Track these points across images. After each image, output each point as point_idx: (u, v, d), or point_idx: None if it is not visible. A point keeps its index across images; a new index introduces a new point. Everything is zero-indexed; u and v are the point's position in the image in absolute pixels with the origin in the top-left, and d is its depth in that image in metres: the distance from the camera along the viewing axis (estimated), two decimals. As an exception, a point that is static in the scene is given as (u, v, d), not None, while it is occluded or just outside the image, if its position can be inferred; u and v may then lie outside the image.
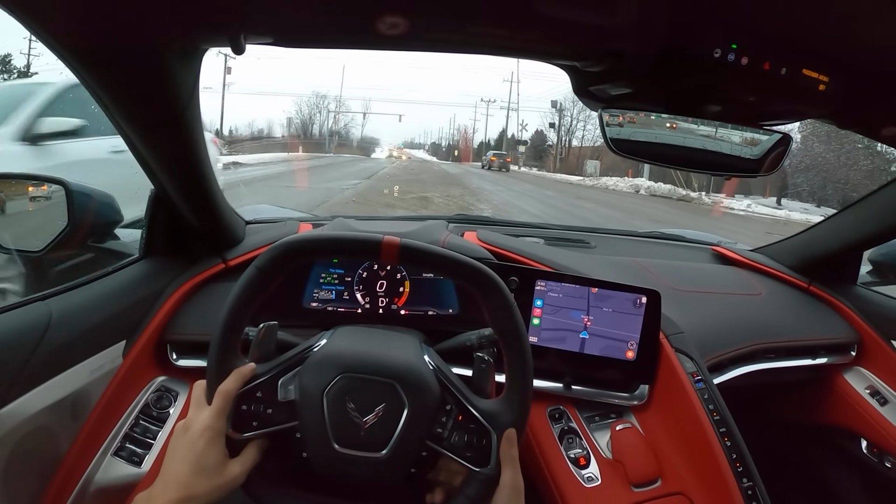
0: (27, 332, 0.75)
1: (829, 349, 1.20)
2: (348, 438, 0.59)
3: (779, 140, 0.81)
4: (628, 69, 0.70)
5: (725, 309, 1.16)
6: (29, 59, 23.51)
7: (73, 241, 1.00)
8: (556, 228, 1.46)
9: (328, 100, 48.55)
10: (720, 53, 0.65)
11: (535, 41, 0.64)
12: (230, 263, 1.02)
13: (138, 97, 0.69)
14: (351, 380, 0.60)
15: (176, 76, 0.67)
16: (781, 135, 0.81)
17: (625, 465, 0.87)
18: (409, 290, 1.00)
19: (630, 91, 0.75)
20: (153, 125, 0.75)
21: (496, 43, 0.64)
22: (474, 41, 0.63)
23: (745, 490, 0.82)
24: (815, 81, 0.71)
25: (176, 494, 0.56)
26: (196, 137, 0.81)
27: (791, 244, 1.35)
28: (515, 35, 0.62)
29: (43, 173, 1.09)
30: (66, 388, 0.79)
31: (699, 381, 0.92)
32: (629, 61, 0.67)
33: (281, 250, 0.60)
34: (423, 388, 0.61)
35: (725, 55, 0.65)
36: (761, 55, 0.66)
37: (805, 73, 0.70)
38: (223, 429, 0.59)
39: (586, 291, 0.94)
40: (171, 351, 0.95)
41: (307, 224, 1.20)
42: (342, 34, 0.63)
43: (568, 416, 0.95)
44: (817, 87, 0.72)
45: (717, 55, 0.65)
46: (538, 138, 40.21)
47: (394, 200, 10.38)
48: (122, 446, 0.87)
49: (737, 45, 0.65)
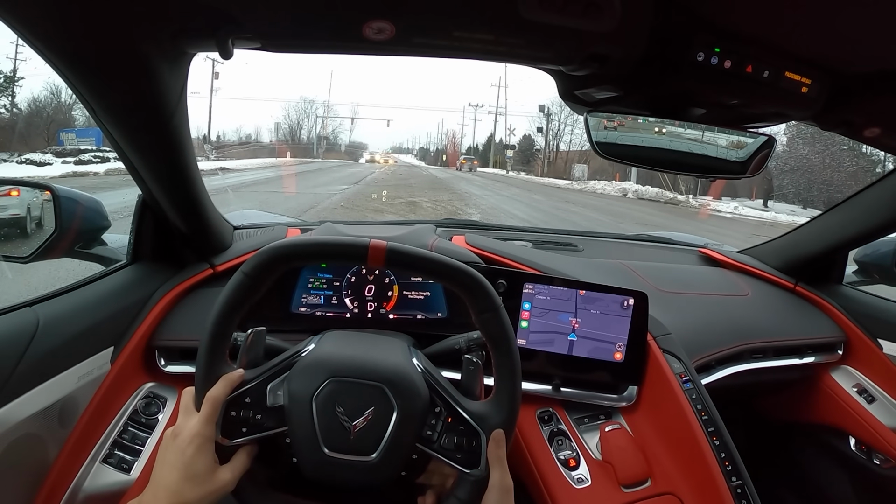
0: (14, 338, 0.74)
1: (815, 348, 1.21)
2: (338, 443, 0.59)
3: (763, 142, 0.82)
4: (612, 73, 0.70)
5: (712, 310, 1.16)
6: (15, 63, 23.39)
7: (61, 246, 0.99)
8: (544, 232, 1.47)
9: (316, 105, 47.86)
10: (703, 57, 0.65)
11: (520, 46, 0.64)
12: (218, 269, 1.02)
13: (126, 102, 0.69)
14: (340, 384, 0.60)
15: (164, 81, 0.67)
16: (766, 137, 0.82)
17: (614, 465, 0.88)
18: (397, 294, 1.00)
19: (615, 95, 0.76)
20: (140, 130, 0.75)
21: (482, 48, 0.64)
22: (460, 46, 0.64)
23: (735, 489, 0.83)
24: (797, 84, 0.72)
25: (166, 502, 0.55)
26: (184, 142, 0.80)
27: (777, 245, 1.37)
28: (500, 40, 0.63)
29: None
30: (54, 395, 0.78)
31: (687, 381, 0.92)
32: (613, 65, 0.68)
33: (268, 255, 0.60)
34: (412, 390, 0.61)
35: (708, 59, 0.66)
36: (744, 58, 0.67)
37: (788, 76, 0.71)
38: (212, 435, 0.59)
39: (574, 294, 0.95)
40: (160, 357, 0.94)
41: (295, 229, 1.20)
42: (329, 39, 0.63)
43: (557, 418, 0.95)
44: (800, 89, 0.72)
45: (701, 59, 0.65)
46: (526, 143, 40.02)
47: (382, 205, 10.38)
48: (111, 453, 0.87)
49: (719, 49, 0.65)
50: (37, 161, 18.65)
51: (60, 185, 1.00)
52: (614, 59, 0.66)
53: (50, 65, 0.61)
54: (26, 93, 28.88)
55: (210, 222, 0.99)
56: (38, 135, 22.57)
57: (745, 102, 0.75)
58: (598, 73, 0.70)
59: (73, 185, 1.07)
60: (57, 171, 16.65)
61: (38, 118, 23.54)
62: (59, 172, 15.70)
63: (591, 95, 0.77)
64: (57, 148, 20.76)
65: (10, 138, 21.75)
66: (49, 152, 20.11)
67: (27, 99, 24.93)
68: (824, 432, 1.26)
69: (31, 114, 23.77)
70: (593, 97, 0.77)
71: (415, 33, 0.60)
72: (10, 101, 23.68)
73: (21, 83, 23.95)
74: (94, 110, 0.70)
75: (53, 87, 23.92)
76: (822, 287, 1.28)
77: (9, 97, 23.61)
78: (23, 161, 18.78)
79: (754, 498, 0.83)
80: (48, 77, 22.02)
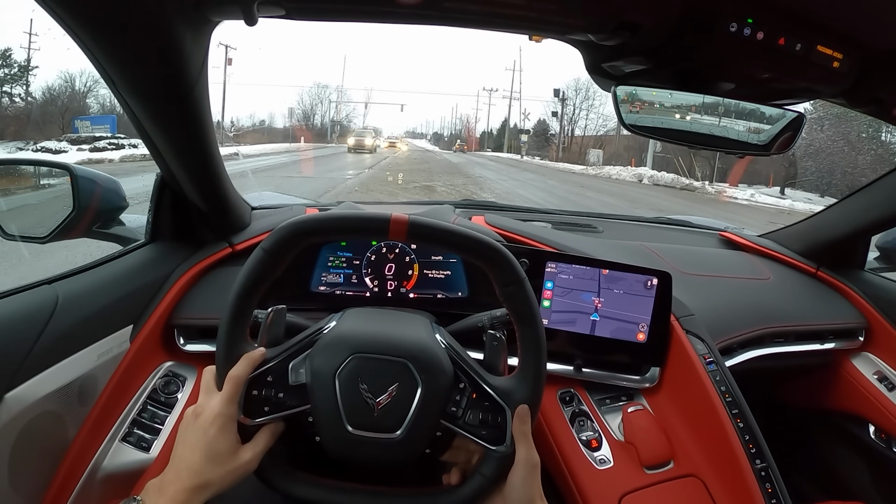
0: (33, 315, 0.74)
1: (836, 334, 1.19)
2: (362, 420, 0.58)
3: (792, 119, 0.81)
4: (642, 44, 0.69)
5: (734, 293, 1.15)
6: (29, 53, 23.58)
7: (79, 226, 0.98)
8: (563, 213, 1.46)
9: (330, 90, 47.77)
10: (735, 28, 0.64)
11: (552, 13, 0.63)
12: (237, 248, 1.02)
13: (148, 72, 0.68)
14: (363, 360, 0.59)
15: (186, 51, 0.66)
16: (795, 113, 0.80)
17: (637, 447, 0.87)
18: (417, 273, 0.99)
19: (644, 67, 0.75)
20: (162, 101, 0.74)
21: (513, 14, 0.63)
22: (491, 12, 0.63)
23: (759, 471, 0.82)
24: (828, 58, 0.71)
25: (188, 482, 0.55)
26: (204, 117, 0.80)
27: (799, 229, 1.35)
28: (533, 5, 0.62)
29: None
30: (73, 373, 0.78)
31: (710, 363, 0.91)
32: (644, 35, 0.67)
33: (288, 230, 0.58)
34: (436, 366, 0.60)
35: (741, 30, 0.64)
36: (777, 30, 0.66)
37: (819, 50, 0.70)
38: (234, 415, 0.58)
39: (597, 273, 0.94)
40: (179, 335, 0.94)
41: (313, 209, 1.19)
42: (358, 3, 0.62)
43: (579, 399, 0.95)
44: (831, 64, 0.71)
45: (733, 29, 0.64)
46: (540, 127, 39.67)
47: (397, 189, 10.44)
48: (130, 431, 0.86)
49: (752, 20, 0.64)
50: (52, 149, 18.75)
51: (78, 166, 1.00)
52: (646, 27, 0.65)
53: (71, 35, 0.60)
54: (41, 81, 29.03)
55: (229, 201, 0.99)
56: (53, 123, 22.72)
57: (776, 76, 0.74)
58: (628, 44, 0.69)
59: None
60: (72, 158, 16.69)
61: (53, 106, 23.71)
62: (75, 160, 15.88)
63: (618, 68, 0.76)
64: (72, 135, 20.96)
65: (25, 127, 21.85)
66: (64, 140, 20.33)
67: (41, 87, 25.15)
68: (843, 419, 1.25)
69: (46, 102, 23.95)
70: (621, 70, 0.76)
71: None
72: (25, 90, 23.95)
73: (35, 72, 24.27)
74: (115, 83, 0.69)
75: (68, 76, 24.23)
76: (844, 272, 1.26)
77: (23, 86, 23.88)
78: (38, 149, 18.91)
79: (778, 481, 0.82)
80: (63, 66, 22.19)
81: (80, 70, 23.61)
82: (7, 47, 24.16)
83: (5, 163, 1.04)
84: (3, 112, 23.10)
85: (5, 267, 3.51)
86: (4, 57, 23.61)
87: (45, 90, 24.32)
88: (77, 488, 0.79)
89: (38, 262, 3.48)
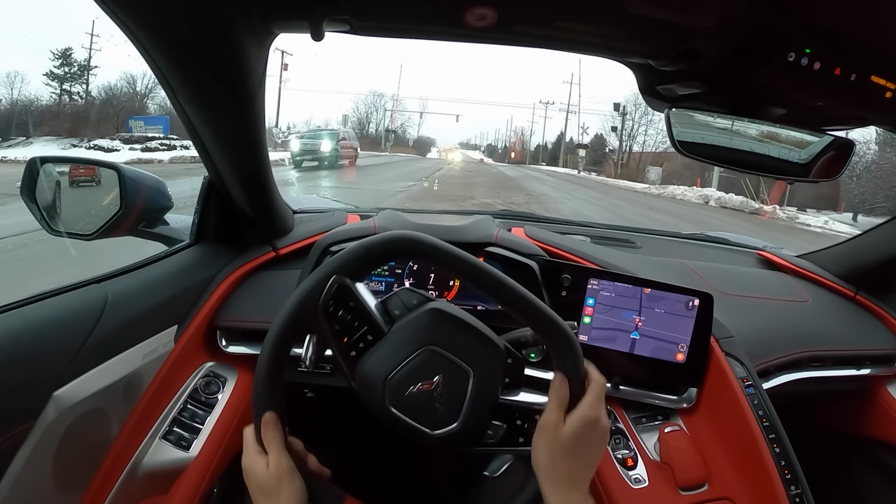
0: (83, 314, 0.76)
1: (873, 360, 1.18)
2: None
3: (841, 145, 0.81)
4: (701, 70, 0.70)
5: (773, 315, 1.14)
6: (90, 52, 24.17)
7: (125, 224, 1.00)
8: (601, 227, 1.46)
9: (385, 98, 47.21)
10: (794, 57, 0.65)
11: (618, 39, 0.64)
12: (280, 252, 1.03)
13: (209, 81, 0.69)
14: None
15: (250, 60, 0.67)
16: (845, 140, 0.81)
17: (672, 467, 0.87)
18: (458, 284, 1.00)
19: (698, 91, 0.75)
20: (220, 109, 0.76)
21: (579, 38, 0.64)
22: (559, 37, 0.64)
23: (794, 497, 0.81)
24: (882, 89, 0.71)
25: None
26: (259, 125, 0.82)
27: (838, 251, 1.33)
28: (600, 32, 0.63)
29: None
30: (120, 371, 0.79)
31: (749, 386, 0.91)
32: (704, 61, 0.68)
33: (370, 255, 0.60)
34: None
35: (799, 59, 0.65)
36: (833, 61, 0.66)
37: (873, 80, 0.70)
38: (290, 463, 0.58)
39: (639, 292, 0.94)
40: (221, 337, 0.95)
41: (354, 215, 1.20)
42: (427, 24, 0.63)
43: (615, 417, 0.95)
44: (884, 94, 0.72)
45: (791, 59, 0.65)
46: (598, 142, 38.23)
47: (451, 207, 10.12)
48: (171, 430, 0.88)
49: (811, 50, 0.65)
50: (104, 147, 19.29)
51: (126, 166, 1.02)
52: (707, 55, 0.66)
53: (135, 43, 0.61)
54: (100, 80, 29.46)
55: (274, 205, 1.00)
56: (108, 121, 23.35)
57: (829, 104, 0.74)
58: (687, 69, 0.70)
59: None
60: (123, 157, 17.16)
61: (110, 106, 24.37)
62: (125, 159, 16.07)
63: (672, 91, 0.76)
64: (125, 134, 21.48)
65: (81, 125, 22.39)
66: (117, 139, 20.87)
67: (100, 87, 25.82)
68: (877, 447, 1.23)
69: (103, 102, 24.61)
70: (675, 93, 0.77)
71: (516, 21, 0.61)
72: (84, 89, 24.61)
73: (95, 72, 25.00)
74: (174, 90, 0.70)
75: (129, 77, 24.84)
76: (883, 297, 1.25)
77: (83, 84, 24.54)
78: (91, 147, 19.41)
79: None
80: (126, 67, 22.52)
81: (141, 72, 24.16)
82: (68, 46, 24.93)
83: (56, 160, 1.06)
84: (60, 110, 23.73)
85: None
86: (65, 56, 24.35)
87: (104, 89, 25.06)
88: (117, 484, 0.81)
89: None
